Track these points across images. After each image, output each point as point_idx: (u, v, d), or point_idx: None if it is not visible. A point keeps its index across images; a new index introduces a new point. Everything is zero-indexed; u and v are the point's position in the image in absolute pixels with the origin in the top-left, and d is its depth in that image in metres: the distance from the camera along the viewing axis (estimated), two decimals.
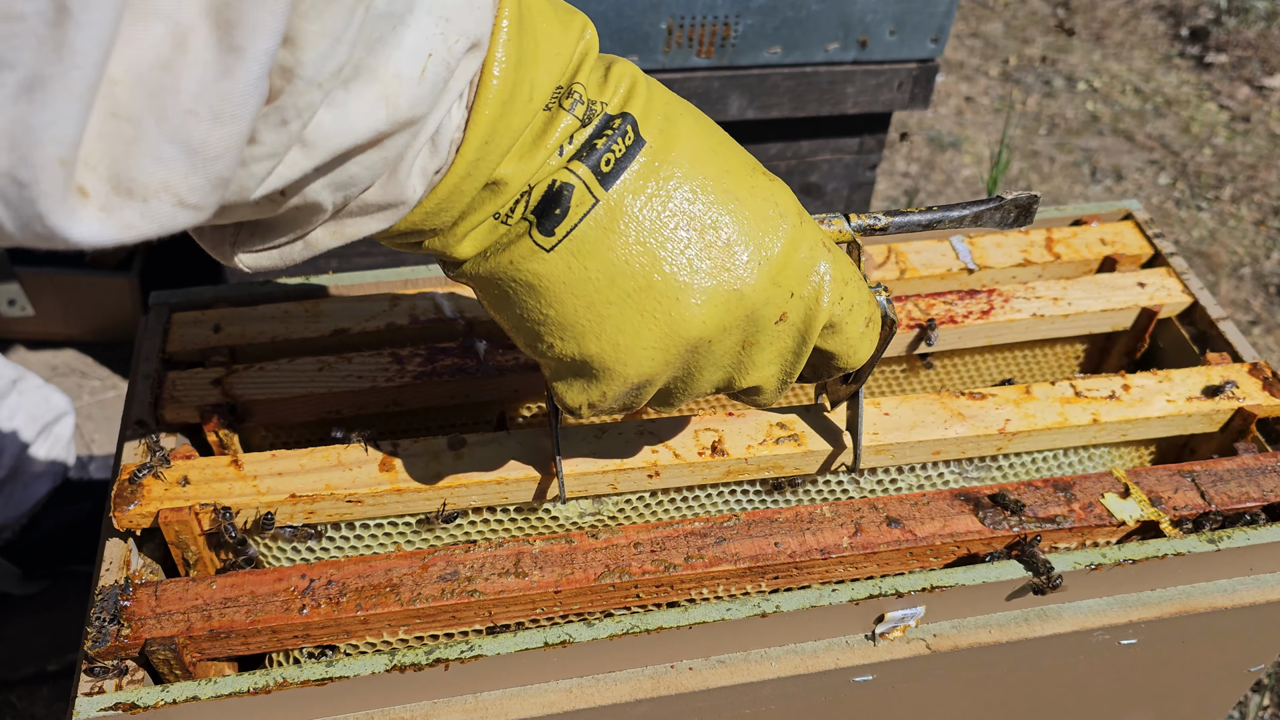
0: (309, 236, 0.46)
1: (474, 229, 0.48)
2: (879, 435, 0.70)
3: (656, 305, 0.49)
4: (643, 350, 0.50)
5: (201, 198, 0.35)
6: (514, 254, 0.48)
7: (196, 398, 0.74)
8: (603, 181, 0.48)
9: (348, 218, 0.45)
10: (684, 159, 0.49)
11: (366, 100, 0.39)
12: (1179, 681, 0.80)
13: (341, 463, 0.67)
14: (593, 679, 0.64)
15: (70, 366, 1.81)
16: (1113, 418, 0.73)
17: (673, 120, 0.50)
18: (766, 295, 0.51)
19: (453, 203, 0.46)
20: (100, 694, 0.58)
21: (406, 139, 0.42)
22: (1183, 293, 0.84)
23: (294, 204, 0.42)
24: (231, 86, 0.33)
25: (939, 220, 0.63)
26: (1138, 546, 0.66)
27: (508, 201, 0.47)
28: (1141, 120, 2.47)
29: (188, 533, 0.65)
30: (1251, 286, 2.07)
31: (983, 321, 0.81)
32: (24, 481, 1.36)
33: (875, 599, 0.63)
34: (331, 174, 0.41)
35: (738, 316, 0.51)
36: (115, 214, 0.34)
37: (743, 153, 0.53)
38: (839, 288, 0.54)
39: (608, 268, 0.48)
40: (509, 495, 0.68)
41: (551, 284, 0.49)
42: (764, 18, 1.18)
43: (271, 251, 0.47)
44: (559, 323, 0.50)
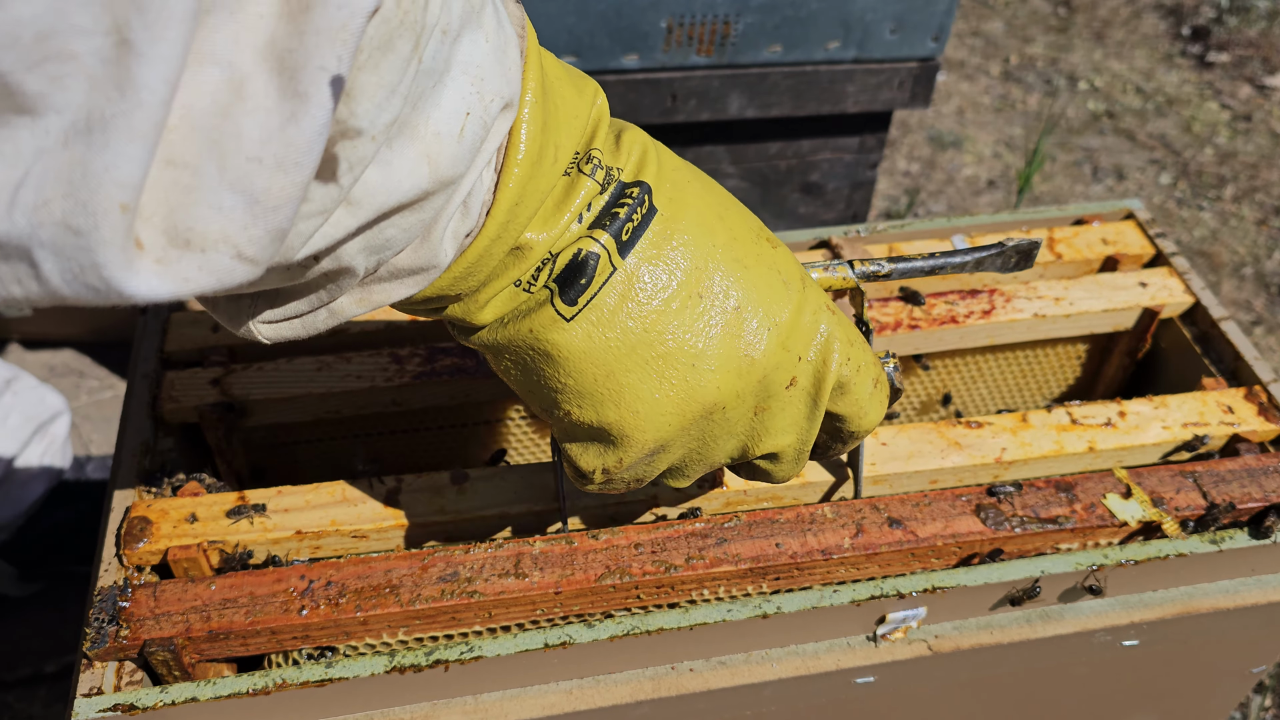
0: (334, 304, 0.44)
1: (496, 295, 0.48)
2: (876, 465, 0.70)
3: (674, 372, 0.50)
4: (660, 417, 0.50)
5: (259, 250, 0.33)
6: (534, 323, 0.48)
7: (195, 397, 0.73)
8: (620, 250, 0.48)
9: (376, 283, 0.44)
10: (693, 226, 0.50)
11: (410, 158, 0.38)
12: (1181, 683, 0.80)
13: (346, 498, 0.67)
14: (593, 680, 0.64)
15: (68, 367, 1.81)
16: (1109, 445, 0.73)
17: (681, 188, 0.50)
18: (776, 360, 0.52)
19: (480, 267, 0.46)
20: (99, 695, 0.58)
21: (443, 200, 0.41)
22: (1184, 293, 0.84)
23: (325, 269, 0.41)
24: (297, 133, 0.32)
25: (941, 266, 0.63)
26: (1140, 547, 0.66)
27: (530, 268, 0.47)
28: (1143, 119, 2.47)
29: (196, 570, 0.65)
30: (1253, 286, 2.07)
31: (984, 321, 0.81)
32: (20, 481, 1.36)
33: (877, 600, 0.63)
34: (369, 235, 0.40)
35: (750, 382, 0.51)
36: (172, 267, 0.32)
37: (747, 216, 0.54)
38: (845, 349, 0.54)
39: (627, 336, 0.49)
40: (511, 528, 0.68)
41: (571, 354, 0.48)
42: (764, 16, 1.18)
43: (294, 321, 0.45)
44: (577, 391, 0.50)
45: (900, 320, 0.81)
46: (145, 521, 0.65)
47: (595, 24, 1.14)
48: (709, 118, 1.26)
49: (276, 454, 0.81)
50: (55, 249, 0.29)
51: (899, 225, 0.88)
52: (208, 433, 0.74)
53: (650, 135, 0.53)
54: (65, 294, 0.31)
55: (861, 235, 0.87)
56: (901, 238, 0.88)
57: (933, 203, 2.25)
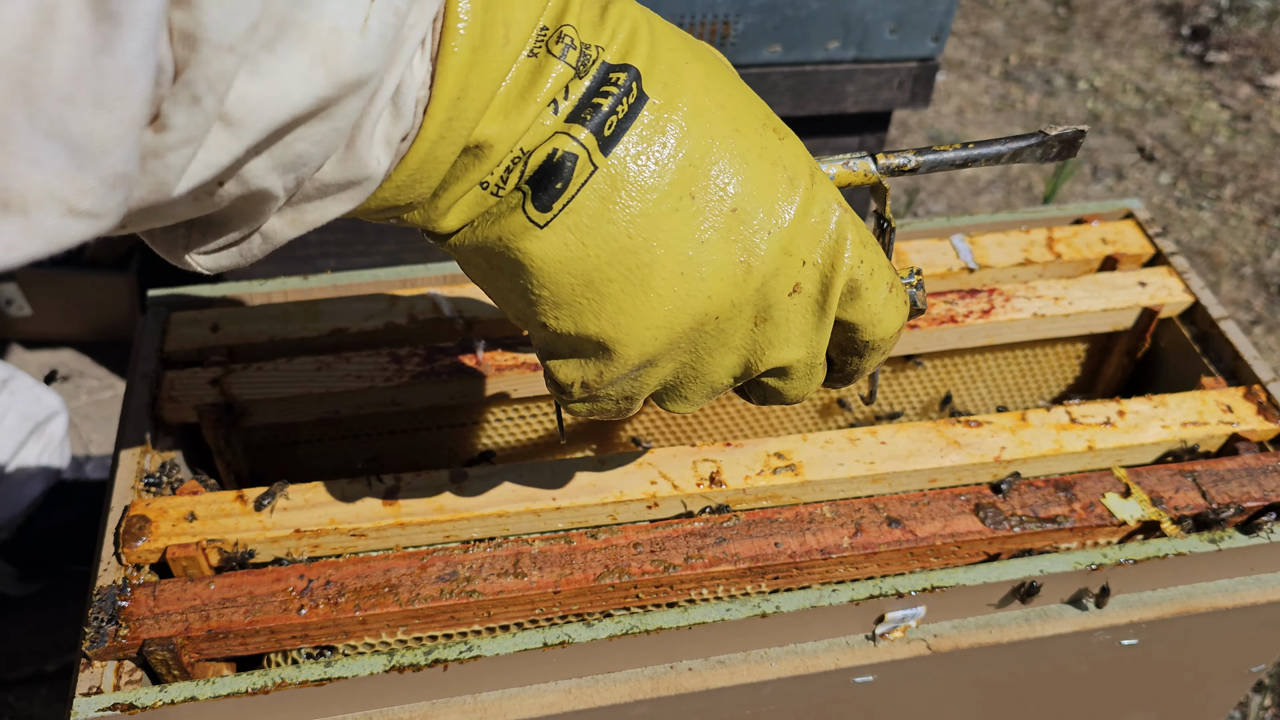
0: (265, 229, 0.41)
1: (459, 199, 0.43)
2: (875, 464, 0.70)
3: (660, 281, 0.45)
4: (646, 330, 0.46)
5: (96, 202, 0.29)
6: (504, 229, 0.43)
7: (194, 397, 0.73)
8: (603, 147, 0.42)
9: (305, 203, 0.40)
10: (691, 116, 0.44)
11: (300, 63, 0.33)
12: (1180, 682, 0.80)
13: (345, 497, 0.67)
14: (592, 679, 0.64)
15: (68, 366, 1.81)
16: (1108, 444, 0.73)
17: (678, 71, 0.44)
18: (777, 266, 0.47)
19: (428, 172, 0.41)
20: (98, 694, 0.58)
21: (359, 104, 0.36)
22: (1184, 292, 0.84)
23: (236, 193, 0.37)
24: (112, 63, 0.27)
25: (974, 158, 0.56)
26: (1139, 546, 0.66)
27: (496, 167, 0.42)
28: (1142, 119, 2.47)
29: (195, 569, 0.65)
30: (1253, 286, 2.07)
31: (983, 321, 0.81)
32: (17, 481, 1.36)
33: (875, 599, 0.63)
34: (273, 154, 0.36)
35: (747, 291, 0.46)
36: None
37: (754, 103, 0.48)
38: (857, 250, 0.48)
39: (608, 244, 0.44)
40: (510, 528, 0.68)
41: (546, 264, 0.44)
42: (764, 16, 1.18)
43: (231, 250, 0.42)
44: (554, 301, 0.45)
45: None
46: (144, 520, 0.65)
47: None
48: None
49: (277, 454, 0.81)
50: None
51: (898, 225, 0.88)
52: (207, 433, 0.74)
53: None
54: None
55: None
56: (902, 237, 0.88)
57: (932, 203, 2.25)
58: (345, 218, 0.43)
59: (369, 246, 1.32)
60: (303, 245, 1.29)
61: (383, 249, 1.34)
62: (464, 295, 0.81)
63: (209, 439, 0.75)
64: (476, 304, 0.81)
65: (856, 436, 0.72)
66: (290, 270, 1.33)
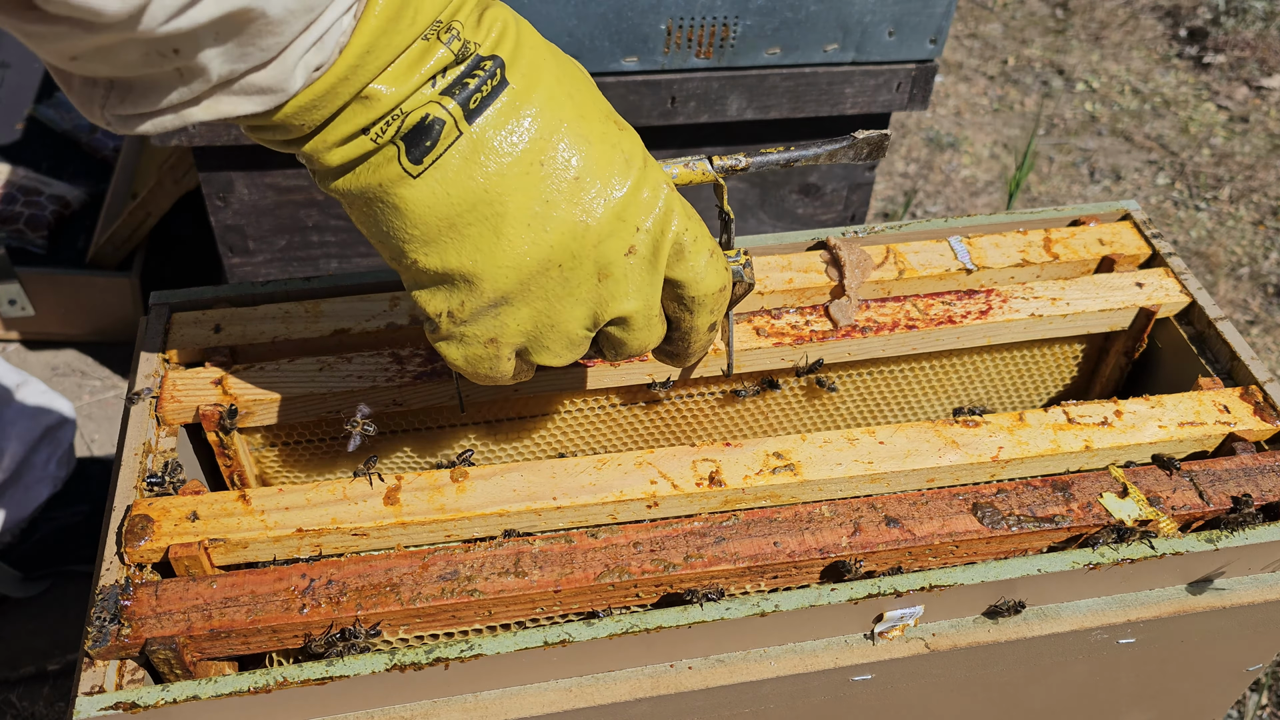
0: (184, 108, 0.48)
1: (344, 140, 0.52)
2: (874, 464, 0.71)
3: (511, 229, 0.54)
4: (499, 268, 0.55)
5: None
6: (382, 176, 0.53)
7: (196, 398, 0.74)
8: (468, 117, 0.52)
9: (226, 94, 0.48)
10: (543, 102, 0.54)
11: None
12: (1177, 681, 0.80)
13: (347, 496, 0.67)
14: (592, 678, 0.64)
15: (70, 367, 1.81)
16: (1105, 444, 0.74)
17: (537, 66, 0.55)
18: (611, 228, 0.56)
19: (325, 103, 0.50)
20: (101, 693, 0.58)
21: (299, 26, 0.45)
22: (1180, 293, 0.85)
23: (181, 64, 0.44)
24: None
25: (795, 159, 0.66)
26: (1136, 546, 0.67)
27: (378, 118, 0.51)
28: (1140, 120, 2.48)
29: (198, 567, 0.65)
30: (1250, 286, 2.08)
31: (981, 321, 0.82)
32: (25, 485, 1.36)
33: (874, 598, 0.63)
34: (229, 44, 0.44)
35: (585, 245, 0.56)
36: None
37: (600, 101, 0.58)
38: (683, 220, 0.59)
39: (468, 195, 0.53)
40: (510, 526, 0.68)
41: (416, 206, 0.53)
42: (763, 19, 1.18)
43: (145, 118, 0.49)
44: (422, 239, 0.54)
45: (898, 321, 0.81)
46: (147, 520, 0.65)
47: (595, 26, 1.15)
48: (708, 120, 1.26)
49: (279, 455, 0.81)
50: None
51: (896, 226, 0.89)
52: (209, 433, 0.75)
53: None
54: None
55: (859, 236, 0.88)
56: (899, 239, 0.88)
57: (930, 204, 2.25)
58: (247, 132, 0.53)
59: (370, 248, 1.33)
60: (305, 246, 1.30)
61: None
62: None
63: (210, 439, 0.75)
64: None
65: (855, 436, 0.72)
66: (293, 271, 1.33)
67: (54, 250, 1.73)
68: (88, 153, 1.90)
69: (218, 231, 1.26)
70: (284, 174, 1.20)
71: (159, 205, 1.66)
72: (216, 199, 1.21)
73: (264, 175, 1.20)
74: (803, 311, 0.81)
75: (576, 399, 0.81)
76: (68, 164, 1.88)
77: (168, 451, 0.73)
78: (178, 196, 1.67)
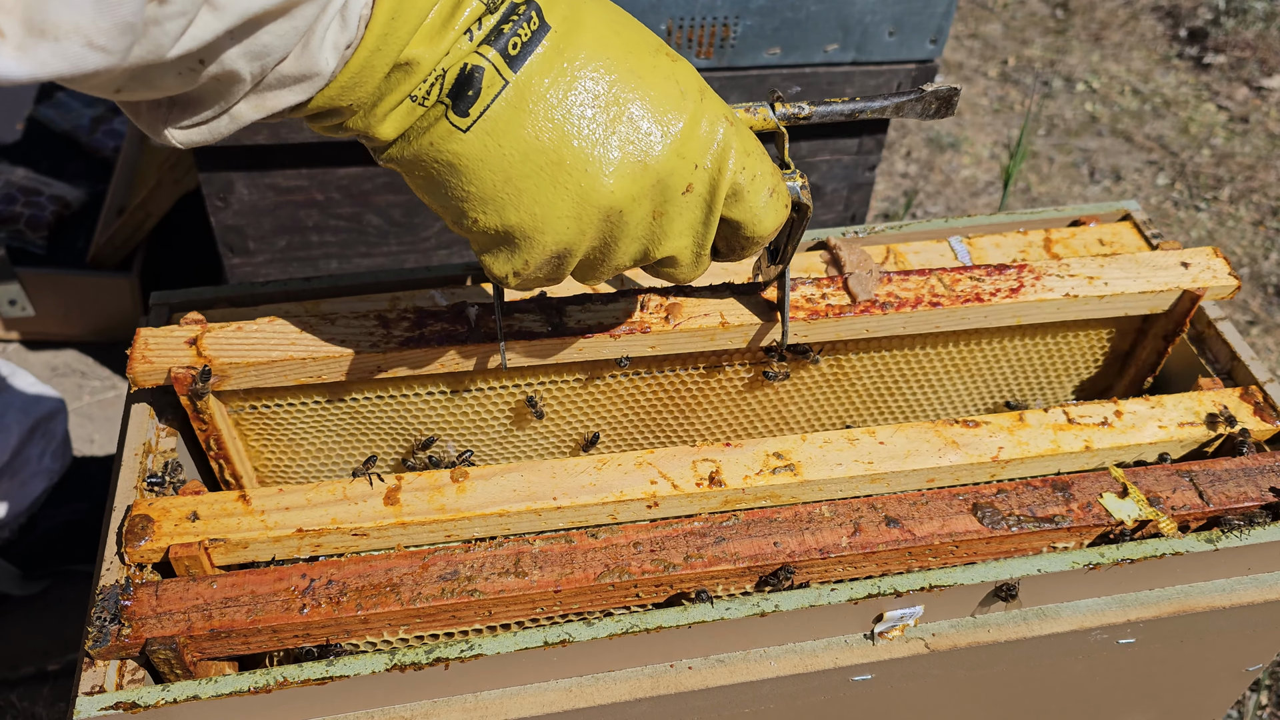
0: (233, 110, 0.49)
1: (393, 110, 0.52)
2: (874, 464, 0.71)
3: (568, 177, 0.53)
4: (558, 219, 0.54)
5: (109, 40, 0.38)
6: (433, 136, 0.52)
7: (169, 358, 0.70)
8: (510, 64, 0.51)
9: (267, 90, 0.49)
10: (589, 41, 0.53)
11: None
12: (1177, 681, 0.80)
13: (347, 497, 0.67)
14: (592, 678, 0.64)
15: (70, 367, 1.81)
16: (1105, 444, 0.73)
17: (576, 6, 0.54)
18: (671, 166, 0.55)
19: (365, 78, 0.50)
20: (101, 693, 0.58)
21: (314, 10, 0.45)
22: (1229, 275, 0.79)
23: (214, 72, 0.46)
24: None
25: (860, 110, 0.64)
26: (1136, 546, 0.67)
27: (421, 83, 0.51)
28: (1140, 121, 2.48)
29: (198, 567, 0.65)
30: (1250, 287, 2.08)
31: (1011, 300, 0.76)
32: (21, 480, 1.36)
33: (874, 598, 0.63)
34: (246, 42, 0.45)
35: (645, 186, 0.55)
36: (30, 53, 0.37)
37: (647, 34, 0.57)
38: (741, 158, 0.57)
39: (520, 144, 0.52)
40: (510, 526, 0.68)
41: (470, 162, 0.52)
42: (763, 19, 1.18)
43: (201, 127, 0.50)
44: (480, 197, 0.53)
45: (921, 297, 0.76)
46: (147, 520, 0.66)
47: None
48: None
49: (258, 419, 0.78)
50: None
51: (897, 226, 0.89)
52: (181, 396, 0.71)
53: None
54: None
55: (860, 236, 0.88)
56: (899, 239, 0.88)
57: (931, 204, 2.25)
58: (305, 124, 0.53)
59: (371, 248, 1.33)
60: (305, 246, 1.30)
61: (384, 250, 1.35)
62: (465, 296, 0.82)
63: (185, 404, 0.71)
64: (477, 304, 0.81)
65: (855, 436, 0.72)
66: (293, 271, 1.33)
67: (54, 250, 1.73)
68: (88, 153, 1.90)
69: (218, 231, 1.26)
70: (284, 174, 1.20)
71: (159, 205, 1.66)
72: (216, 199, 1.21)
73: (264, 175, 1.20)
74: (819, 283, 0.77)
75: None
76: (68, 164, 1.88)
77: (168, 451, 0.73)
78: (178, 196, 1.67)
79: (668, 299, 0.74)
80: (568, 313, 0.73)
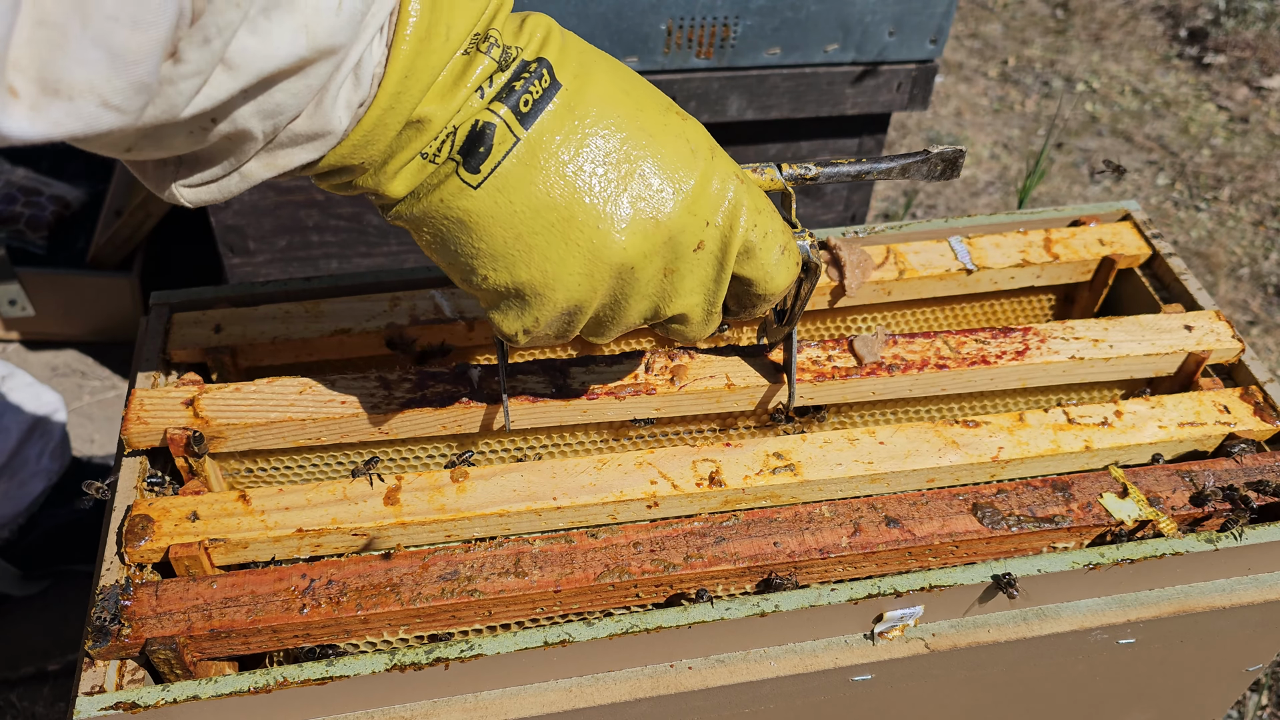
0: (244, 168, 0.49)
1: (403, 167, 0.51)
2: (874, 464, 0.70)
3: (580, 234, 0.53)
4: (570, 276, 0.53)
5: (124, 100, 0.38)
6: (444, 193, 0.52)
7: (165, 419, 0.69)
8: (522, 121, 0.51)
9: (279, 149, 0.48)
10: (599, 99, 0.53)
11: (287, 28, 0.42)
12: (1177, 681, 0.80)
13: (347, 497, 0.67)
14: (592, 678, 0.64)
15: (70, 367, 1.81)
16: (1105, 444, 0.73)
17: (587, 65, 0.53)
18: (683, 223, 0.55)
19: (378, 136, 0.49)
20: (101, 693, 0.58)
21: (328, 69, 0.45)
22: (1232, 338, 0.80)
23: (225, 131, 0.45)
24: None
25: (867, 171, 0.64)
26: (1136, 546, 0.67)
27: (432, 140, 0.50)
28: (1140, 121, 2.48)
29: (198, 567, 0.65)
30: (1250, 287, 2.08)
31: (1017, 363, 0.77)
32: (20, 480, 1.36)
33: (874, 598, 0.63)
34: (259, 100, 0.44)
35: (657, 243, 0.54)
36: (44, 112, 0.36)
37: (657, 94, 0.56)
38: (753, 216, 0.57)
39: (531, 201, 0.52)
40: (510, 526, 0.68)
41: (480, 219, 0.52)
42: (763, 19, 1.18)
43: (210, 185, 0.49)
44: (490, 254, 0.53)
45: (927, 359, 0.76)
46: (147, 520, 0.65)
47: (595, 26, 1.15)
48: (709, 120, 1.26)
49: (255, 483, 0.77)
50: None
51: (897, 226, 0.89)
52: (176, 458, 0.70)
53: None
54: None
55: (860, 236, 0.88)
56: (900, 239, 0.88)
57: (931, 204, 2.25)
58: (314, 181, 0.53)
59: (371, 248, 1.33)
60: (305, 246, 1.30)
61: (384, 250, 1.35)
62: (466, 296, 0.82)
63: (180, 464, 0.70)
64: (478, 305, 0.81)
65: (855, 437, 0.72)
66: (293, 271, 1.33)
67: (54, 250, 1.73)
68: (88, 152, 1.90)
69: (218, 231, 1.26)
70: None
71: (159, 205, 1.66)
72: None
73: None
74: (824, 345, 0.77)
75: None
76: (68, 164, 1.88)
77: None
78: None
79: (673, 361, 0.74)
80: (571, 374, 0.73)
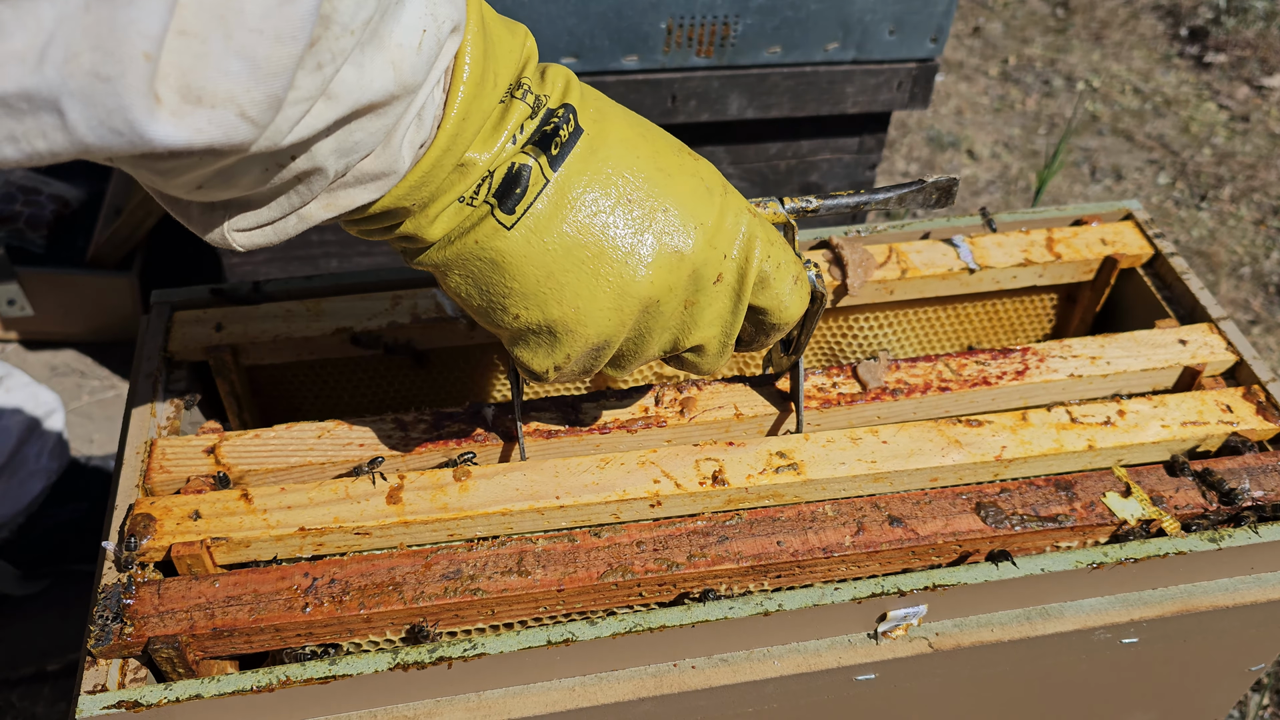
0: (304, 209, 0.49)
1: (444, 210, 0.53)
2: (877, 463, 0.70)
3: (609, 269, 0.55)
4: (600, 312, 0.55)
5: (260, 112, 0.39)
6: (478, 234, 0.53)
7: (187, 468, 0.70)
8: (552, 164, 0.53)
9: (341, 188, 0.49)
10: (618, 142, 0.56)
11: (379, 63, 0.44)
12: (1180, 680, 0.80)
13: (350, 495, 0.67)
14: (595, 677, 0.64)
15: (70, 366, 1.81)
16: (1108, 443, 0.73)
17: (604, 111, 0.56)
18: (705, 256, 0.57)
19: (432, 178, 0.51)
20: (103, 692, 0.58)
21: (403, 108, 0.46)
22: (1226, 350, 0.80)
23: (301, 168, 0.45)
24: (292, 11, 0.37)
25: (865, 202, 0.67)
26: (1139, 545, 0.67)
27: (472, 184, 0.52)
28: (1141, 120, 2.48)
29: (200, 566, 0.64)
30: (1251, 286, 2.08)
31: (1017, 383, 0.78)
32: (19, 479, 1.36)
33: (878, 597, 0.63)
34: (339, 136, 0.45)
35: (681, 277, 0.57)
36: (187, 119, 0.36)
37: (668, 136, 0.59)
38: (766, 247, 0.59)
39: (563, 239, 0.54)
40: (513, 525, 0.68)
41: (514, 259, 0.54)
42: (763, 17, 1.18)
43: (266, 228, 0.50)
44: (522, 293, 0.55)
45: (930, 382, 0.77)
46: (149, 519, 0.65)
47: (595, 25, 1.15)
48: (709, 119, 1.26)
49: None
50: (84, 97, 0.33)
51: (898, 225, 0.89)
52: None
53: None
54: (90, 141, 0.34)
55: (862, 235, 0.88)
56: (901, 237, 0.88)
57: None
58: (353, 225, 0.53)
59: (371, 247, 1.33)
60: (305, 245, 1.29)
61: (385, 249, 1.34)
62: None
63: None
64: None
65: (858, 436, 0.72)
66: (293, 270, 1.33)
67: (54, 250, 1.73)
68: None
69: None
70: None
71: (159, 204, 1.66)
72: None
73: None
74: (829, 372, 0.77)
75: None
76: (68, 164, 1.88)
77: None
78: None
79: (681, 393, 0.75)
80: (584, 410, 0.73)
